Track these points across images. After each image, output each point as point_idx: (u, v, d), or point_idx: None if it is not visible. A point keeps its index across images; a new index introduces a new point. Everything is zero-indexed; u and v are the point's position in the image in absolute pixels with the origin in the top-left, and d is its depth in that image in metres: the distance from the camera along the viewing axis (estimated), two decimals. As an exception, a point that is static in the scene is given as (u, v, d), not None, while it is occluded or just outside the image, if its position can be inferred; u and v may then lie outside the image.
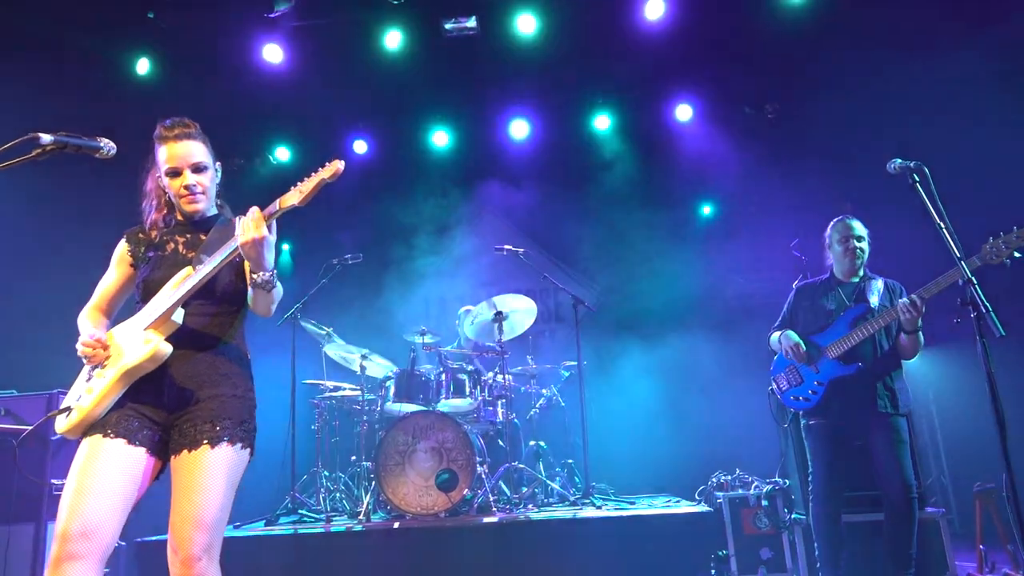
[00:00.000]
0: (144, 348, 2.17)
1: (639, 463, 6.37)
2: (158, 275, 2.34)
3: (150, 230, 2.47)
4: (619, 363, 6.74)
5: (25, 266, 5.87)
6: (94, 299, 2.50)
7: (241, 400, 2.30)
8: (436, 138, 8.08)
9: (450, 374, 5.55)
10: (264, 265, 2.22)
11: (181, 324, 2.27)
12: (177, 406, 2.24)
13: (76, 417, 2.19)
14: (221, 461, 2.17)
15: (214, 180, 2.47)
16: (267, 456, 6.23)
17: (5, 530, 4.42)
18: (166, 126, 2.39)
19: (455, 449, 5.12)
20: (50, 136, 2.28)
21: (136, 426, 2.19)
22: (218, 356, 2.31)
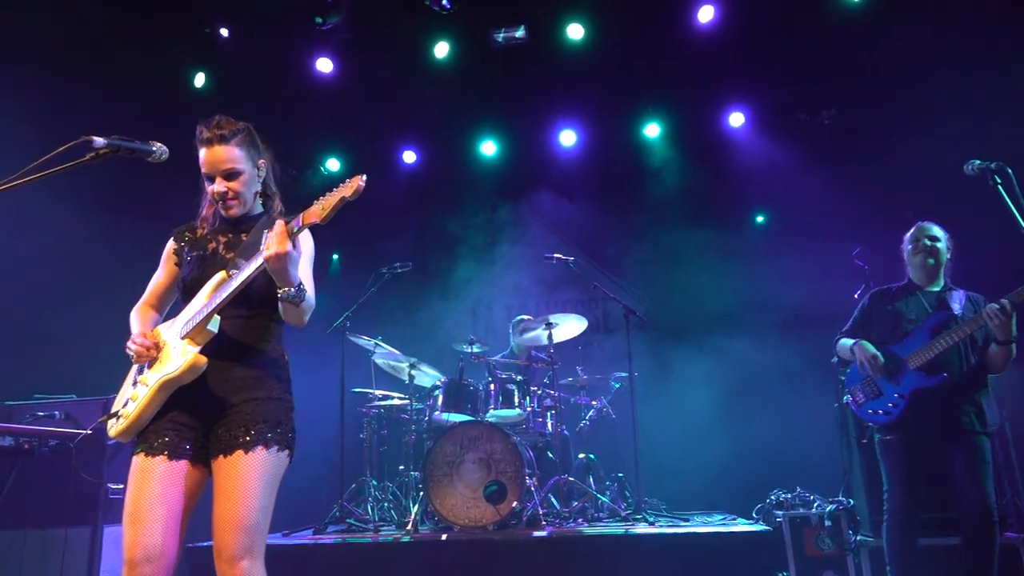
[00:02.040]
0: (181, 361, 2.18)
1: (692, 478, 6.14)
2: (197, 275, 2.35)
3: (199, 226, 2.48)
4: (671, 374, 6.53)
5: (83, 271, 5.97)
6: (145, 296, 2.53)
7: (277, 403, 2.27)
8: (484, 147, 8.03)
9: (499, 384, 5.43)
10: (288, 280, 2.16)
11: (217, 331, 2.24)
12: (213, 412, 2.23)
13: (124, 424, 2.24)
14: (257, 465, 2.16)
15: (252, 181, 2.42)
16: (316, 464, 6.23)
17: (62, 532, 4.44)
18: (204, 127, 2.36)
19: (504, 460, 4.99)
20: (103, 140, 2.26)
21: (176, 440, 2.20)
22: (254, 361, 2.30)
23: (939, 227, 3.71)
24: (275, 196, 2.54)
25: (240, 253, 2.31)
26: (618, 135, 7.72)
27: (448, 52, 7.51)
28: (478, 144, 8.02)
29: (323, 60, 7.59)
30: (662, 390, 6.49)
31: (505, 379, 5.49)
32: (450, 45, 7.50)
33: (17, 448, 3.96)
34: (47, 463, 4.25)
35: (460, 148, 8.02)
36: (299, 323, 2.30)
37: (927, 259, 3.64)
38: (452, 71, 7.51)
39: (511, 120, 7.87)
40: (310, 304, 2.29)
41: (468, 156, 8.02)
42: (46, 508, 4.36)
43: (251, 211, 2.45)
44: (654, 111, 7.66)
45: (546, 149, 7.89)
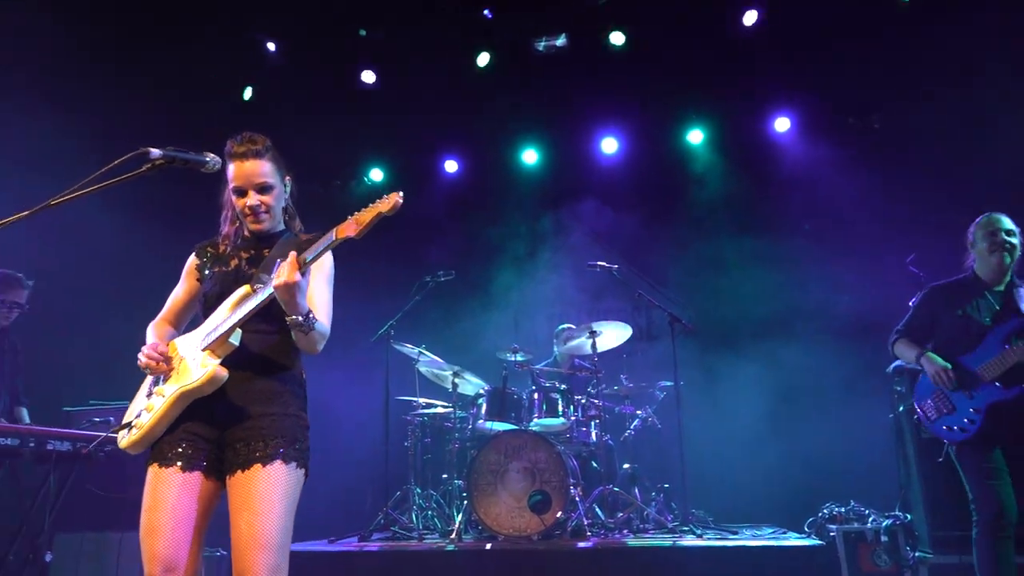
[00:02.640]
0: (201, 372, 2.15)
1: (740, 490, 6.01)
2: (219, 290, 2.34)
3: (221, 243, 2.48)
4: (717, 383, 6.40)
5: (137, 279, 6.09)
6: (164, 311, 2.52)
7: (294, 419, 2.25)
8: (526, 156, 8.02)
9: (543, 393, 5.40)
10: (296, 308, 2.13)
11: (238, 345, 2.22)
12: (228, 423, 2.20)
13: (136, 435, 2.20)
14: (276, 479, 2.12)
15: (280, 197, 2.43)
16: (361, 472, 6.29)
17: (117, 536, 4.52)
18: (236, 142, 2.37)
19: (548, 470, 4.95)
20: (159, 151, 2.29)
21: (190, 452, 2.17)
22: (273, 376, 2.27)
23: (1009, 219, 3.51)
24: (295, 216, 2.53)
25: (263, 268, 2.30)
26: (660, 142, 7.64)
27: (489, 61, 7.53)
28: (519, 153, 8.02)
29: (367, 72, 7.68)
30: (708, 399, 6.37)
31: (549, 388, 5.46)
32: (491, 55, 7.52)
33: (75, 453, 4.05)
34: (102, 467, 4.34)
35: (501, 157, 8.02)
36: (311, 350, 2.27)
37: (1004, 257, 3.43)
38: (493, 80, 7.53)
39: (552, 128, 7.85)
40: (322, 332, 2.26)
41: (509, 165, 8.02)
42: (101, 511, 4.45)
43: (275, 227, 2.44)
44: (697, 117, 7.57)
45: (588, 157, 7.84)
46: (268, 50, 7.49)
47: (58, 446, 3.94)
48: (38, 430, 3.91)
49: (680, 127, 7.60)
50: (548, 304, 7.62)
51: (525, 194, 7.82)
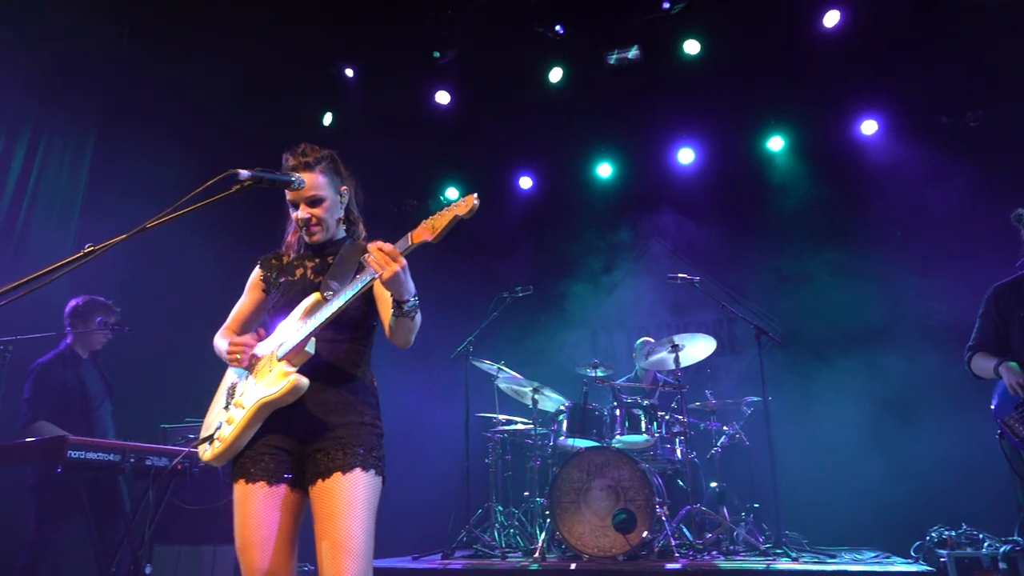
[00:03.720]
0: (283, 383, 2.14)
1: (837, 510, 5.68)
2: (287, 300, 2.35)
3: (284, 253, 2.50)
4: (809, 397, 6.11)
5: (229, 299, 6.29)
6: (228, 322, 2.53)
7: (370, 428, 2.23)
8: (600, 169, 7.94)
9: (624, 409, 5.27)
10: (406, 289, 2.10)
11: (314, 354, 2.22)
12: (308, 435, 2.20)
13: (219, 447, 2.21)
14: (356, 486, 2.11)
15: (335, 207, 2.43)
16: (443, 489, 6.27)
17: (211, 549, 4.64)
18: (290, 155, 2.39)
19: (632, 488, 4.81)
20: (247, 172, 2.32)
21: (272, 465, 2.18)
22: (347, 385, 2.26)
23: None
24: (358, 221, 2.53)
25: (330, 275, 2.30)
26: (739, 150, 7.43)
27: (562, 76, 7.52)
28: (594, 166, 7.95)
29: (441, 93, 7.79)
30: (800, 414, 6.08)
31: (631, 404, 5.32)
32: (563, 69, 7.51)
33: (171, 468, 4.17)
34: (197, 483, 4.46)
35: (576, 171, 7.97)
36: (406, 343, 2.24)
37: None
38: (566, 95, 7.51)
39: (626, 140, 7.76)
40: (418, 321, 2.22)
41: (584, 179, 7.96)
42: (197, 526, 4.58)
43: (334, 236, 2.45)
44: (777, 123, 7.33)
45: (664, 168, 7.70)
46: (346, 76, 7.70)
47: (156, 462, 4.06)
48: (137, 446, 4.04)
49: (759, 134, 7.38)
50: (627, 318, 7.48)
51: (601, 208, 7.74)
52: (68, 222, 5.55)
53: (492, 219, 7.98)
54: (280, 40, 6.59)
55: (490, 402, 5.92)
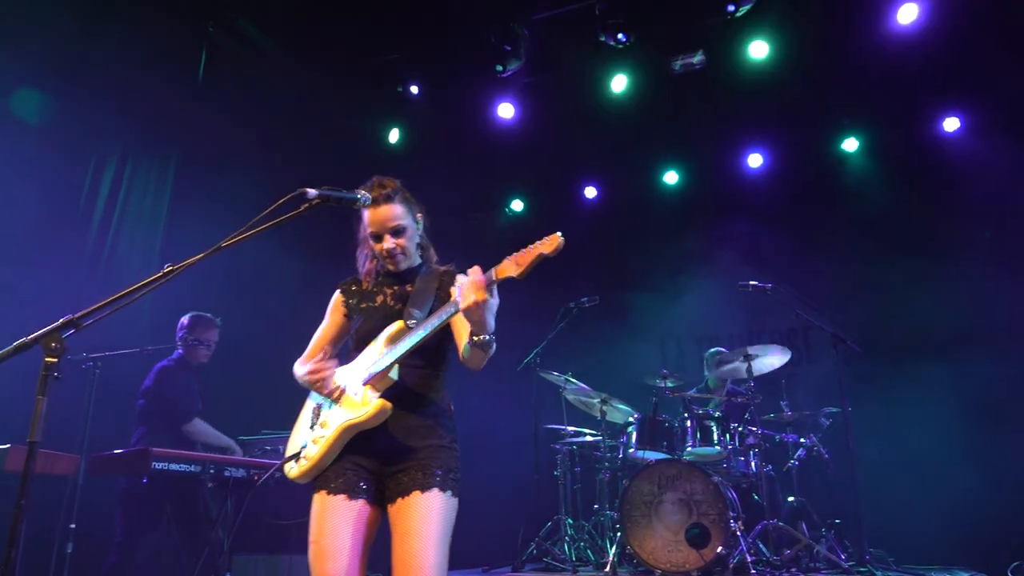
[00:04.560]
0: (368, 407, 2.24)
1: (925, 527, 5.39)
2: (369, 326, 2.43)
3: (363, 279, 2.57)
4: (892, 408, 5.84)
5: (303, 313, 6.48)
6: (309, 349, 2.62)
7: (448, 450, 2.32)
8: (667, 177, 7.84)
9: (696, 420, 5.15)
10: (486, 328, 2.17)
11: (396, 380, 2.31)
12: (390, 457, 2.28)
13: (306, 465, 2.31)
14: (434, 507, 2.20)
15: (414, 235, 2.51)
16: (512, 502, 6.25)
17: (287, 559, 4.77)
18: (367, 188, 2.45)
19: (705, 502, 4.69)
20: (315, 191, 2.40)
21: (354, 480, 2.26)
22: (427, 410, 2.35)
23: None
24: (429, 246, 2.61)
25: (411, 303, 2.39)
26: (811, 153, 7.24)
27: (626, 85, 7.46)
28: (661, 174, 7.86)
29: (505, 105, 7.82)
30: (882, 425, 5.82)
31: (702, 415, 5.20)
32: (627, 78, 7.44)
33: (248, 479, 4.31)
34: (273, 494, 4.60)
35: (642, 179, 7.91)
36: (478, 367, 2.32)
37: None
38: (630, 103, 7.43)
39: (693, 147, 7.65)
40: (491, 352, 2.30)
41: (650, 187, 7.88)
42: (272, 536, 4.72)
43: (411, 264, 2.53)
44: (851, 124, 7.09)
45: (732, 174, 7.56)
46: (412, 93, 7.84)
47: (234, 473, 4.20)
48: (217, 458, 4.20)
49: (832, 135, 7.15)
50: (697, 328, 7.35)
51: (668, 216, 7.65)
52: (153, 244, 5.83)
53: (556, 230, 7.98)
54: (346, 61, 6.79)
55: (558, 414, 5.89)
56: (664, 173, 7.85)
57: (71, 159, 5.46)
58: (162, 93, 5.70)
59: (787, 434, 5.46)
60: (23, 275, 4.82)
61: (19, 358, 1.87)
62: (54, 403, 2.03)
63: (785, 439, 5.45)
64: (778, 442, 5.48)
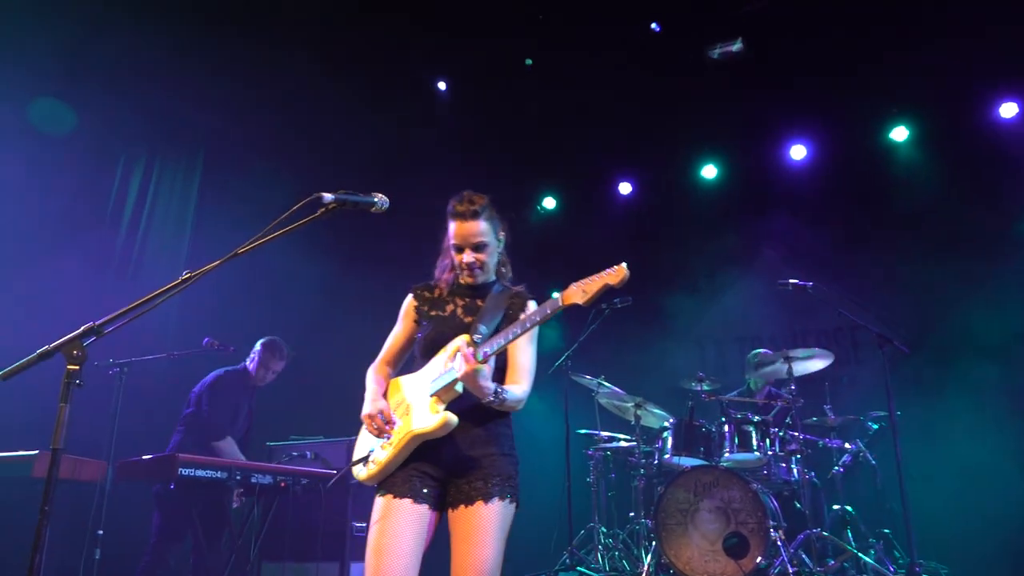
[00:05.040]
0: (435, 418, 2.39)
1: (981, 537, 5.24)
2: (437, 335, 2.58)
3: (436, 286, 2.71)
4: (944, 412, 5.69)
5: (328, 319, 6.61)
6: (383, 353, 2.77)
7: (508, 458, 2.49)
8: (705, 171, 7.78)
9: (734, 425, 5.11)
10: (482, 394, 2.35)
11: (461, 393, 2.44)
12: (453, 465, 2.44)
13: (374, 468, 2.48)
14: (494, 515, 2.37)
15: (494, 253, 2.65)
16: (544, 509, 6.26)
17: (314, 567, 4.86)
18: (456, 202, 2.61)
19: (743, 510, 4.66)
20: (331, 195, 2.45)
21: (419, 486, 2.41)
22: (489, 420, 2.50)
23: None
24: (507, 263, 2.74)
25: (480, 319, 2.53)
26: (857, 143, 7.10)
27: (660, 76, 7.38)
28: (698, 168, 7.79)
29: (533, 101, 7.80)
30: (933, 430, 5.68)
31: (741, 419, 5.16)
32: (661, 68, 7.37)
33: (275, 486, 4.41)
34: (300, 500, 4.69)
35: (678, 174, 7.86)
36: (512, 411, 2.51)
37: None
38: (665, 95, 7.37)
39: (732, 139, 7.57)
40: (515, 400, 2.46)
41: (687, 182, 7.83)
42: (300, 543, 4.80)
43: (487, 280, 2.67)
44: (900, 112, 6.93)
45: (774, 166, 7.46)
46: (439, 89, 7.90)
47: (260, 479, 4.30)
48: (243, 464, 4.30)
49: (879, 124, 7.00)
50: (737, 329, 7.27)
51: (706, 211, 7.58)
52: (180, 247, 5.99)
53: (589, 227, 7.96)
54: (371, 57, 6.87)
55: (591, 418, 5.88)
56: (702, 167, 7.78)
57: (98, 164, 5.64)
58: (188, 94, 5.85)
59: (831, 439, 5.37)
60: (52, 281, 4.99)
61: (52, 365, 1.95)
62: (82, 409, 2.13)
63: (829, 444, 5.36)
64: (821, 448, 5.39)
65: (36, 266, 4.96)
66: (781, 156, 7.42)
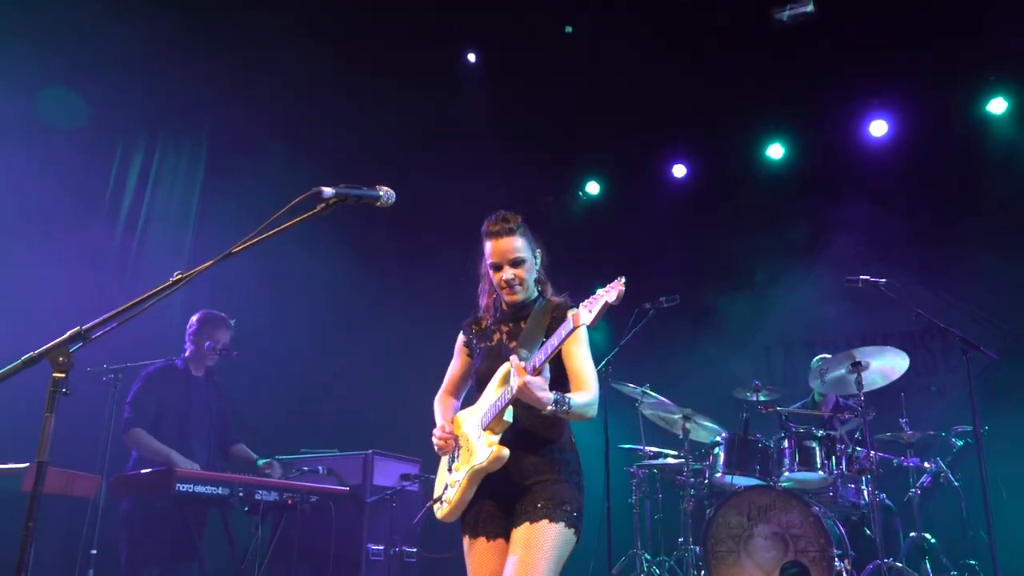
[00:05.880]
0: (487, 453, 2.69)
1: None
2: (486, 367, 2.92)
3: (482, 316, 3.07)
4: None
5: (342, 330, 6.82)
6: (444, 385, 3.18)
7: (563, 484, 2.73)
8: (771, 151, 7.78)
9: (794, 440, 5.16)
10: (541, 405, 2.57)
11: (512, 421, 2.70)
12: (511, 496, 2.73)
13: (448, 508, 2.86)
14: (540, 536, 2.60)
15: (532, 269, 2.94)
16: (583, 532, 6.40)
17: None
18: (491, 222, 2.91)
19: (804, 537, 4.71)
20: (331, 189, 2.58)
21: (487, 523, 2.78)
22: (545, 447, 2.77)
23: None
24: (547, 282, 3.03)
25: (521, 343, 2.79)
26: (947, 117, 7.02)
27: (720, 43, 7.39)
28: (763, 147, 7.80)
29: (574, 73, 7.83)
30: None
31: (803, 434, 5.20)
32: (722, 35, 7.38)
33: (281, 503, 4.60)
34: (309, 519, 4.88)
35: (740, 154, 7.87)
36: (584, 420, 2.77)
37: None
38: (727, 65, 7.37)
39: (802, 114, 7.55)
40: (582, 406, 2.70)
41: (750, 163, 7.84)
42: (309, 565, 5.00)
43: (528, 297, 2.95)
44: (999, 80, 6.85)
45: (850, 145, 7.46)
46: (468, 62, 8.02)
47: (265, 496, 4.49)
48: (247, 479, 4.50)
49: (974, 95, 6.93)
50: (803, 331, 7.28)
51: (770, 197, 7.59)
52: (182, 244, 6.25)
53: (636, 216, 8.02)
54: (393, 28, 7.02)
55: (634, 432, 5.96)
56: (768, 146, 7.79)
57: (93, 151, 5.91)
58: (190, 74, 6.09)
59: (908, 458, 5.37)
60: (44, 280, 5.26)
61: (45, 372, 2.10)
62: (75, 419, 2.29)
63: (905, 463, 5.37)
64: (896, 467, 5.41)
65: (26, 265, 5.22)
66: (859, 133, 7.40)
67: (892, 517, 5.34)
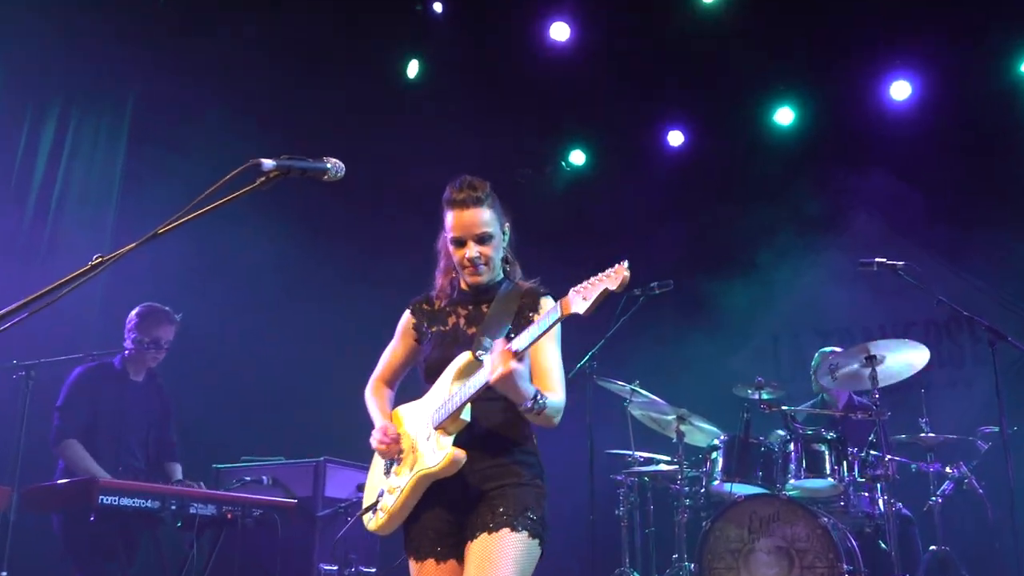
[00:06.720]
0: (439, 455, 2.62)
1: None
2: (438, 355, 2.82)
3: (436, 298, 2.96)
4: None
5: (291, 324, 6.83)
6: (378, 370, 3.08)
7: (525, 488, 2.67)
8: (779, 116, 7.85)
9: (801, 443, 5.25)
10: (520, 397, 2.52)
11: (469, 421, 2.65)
12: (467, 506, 2.66)
13: (384, 518, 2.76)
14: (502, 548, 2.53)
15: (499, 247, 2.86)
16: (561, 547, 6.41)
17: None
18: (455, 189, 2.80)
19: (811, 551, 4.81)
20: (272, 162, 2.61)
21: (435, 541, 2.69)
22: (504, 451, 2.70)
23: None
24: (515, 263, 2.96)
25: (484, 330, 2.72)
26: (977, 78, 7.12)
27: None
28: (770, 112, 7.87)
29: (558, 26, 7.83)
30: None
31: (811, 436, 5.30)
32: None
33: (220, 518, 4.62)
34: (252, 536, 4.90)
35: (743, 120, 7.93)
36: (547, 425, 2.67)
37: None
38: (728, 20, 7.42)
39: (815, 75, 7.62)
40: (555, 407, 2.64)
41: (756, 129, 7.91)
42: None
43: (493, 279, 2.86)
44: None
45: (867, 110, 7.54)
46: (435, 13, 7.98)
47: (201, 510, 4.51)
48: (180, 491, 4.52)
49: (1009, 54, 7.02)
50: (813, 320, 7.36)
51: (778, 168, 7.67)
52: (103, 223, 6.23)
53: (626, 192, 8.07)
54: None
55: (621, 435, 6.02)
56: (775, 110, 7.86)
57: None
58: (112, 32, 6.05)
59: (928, 462, 5.49)
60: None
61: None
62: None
63: (925, 468, 5.48)
64: (915, 472, 5.52)
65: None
66: (878, 96, 7.49)
67: (910, 528, 5.45)
